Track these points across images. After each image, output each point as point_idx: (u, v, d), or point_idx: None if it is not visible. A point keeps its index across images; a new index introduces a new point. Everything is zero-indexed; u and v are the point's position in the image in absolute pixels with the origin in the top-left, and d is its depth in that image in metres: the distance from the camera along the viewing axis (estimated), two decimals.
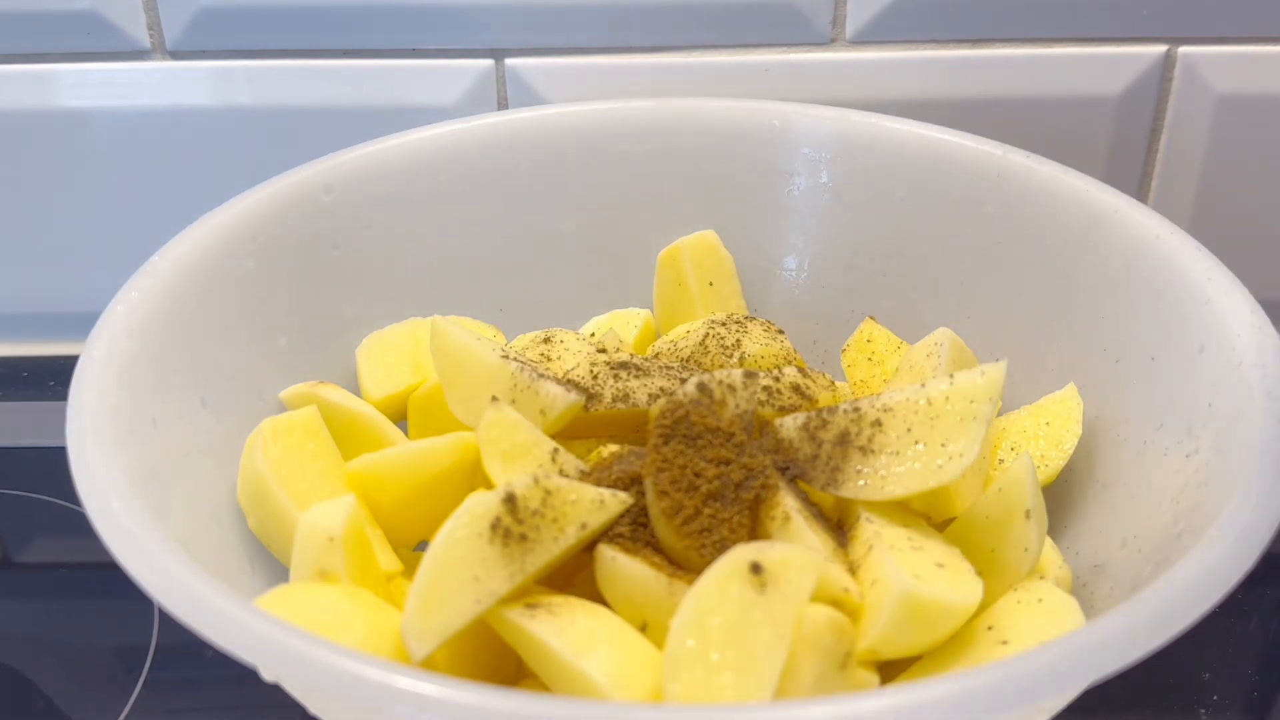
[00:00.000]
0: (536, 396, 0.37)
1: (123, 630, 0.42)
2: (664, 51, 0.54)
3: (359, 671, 0.25)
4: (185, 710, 0.40)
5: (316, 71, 0.54)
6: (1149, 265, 0.39)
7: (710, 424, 0.34)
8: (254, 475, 0.36)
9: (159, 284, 0.37)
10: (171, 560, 0.28)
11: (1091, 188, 0.42)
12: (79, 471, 0.31)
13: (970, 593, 0.32)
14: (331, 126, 0.55)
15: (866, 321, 0.45)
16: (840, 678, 0.30)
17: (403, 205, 0.46)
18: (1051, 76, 0.54)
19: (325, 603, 0.32)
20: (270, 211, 0.42)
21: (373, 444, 0.39)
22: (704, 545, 0.32)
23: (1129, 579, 0.34)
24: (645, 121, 0.48)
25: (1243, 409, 0.33)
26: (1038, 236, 0.43)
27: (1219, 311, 0.35)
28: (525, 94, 0.54)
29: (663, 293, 0.48)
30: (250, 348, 0.41)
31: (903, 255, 0.47)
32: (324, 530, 0.33)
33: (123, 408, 0.33)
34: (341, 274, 0.45)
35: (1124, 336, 0.39)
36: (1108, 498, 0.38)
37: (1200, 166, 0.55)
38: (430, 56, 0.54)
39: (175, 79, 0.54)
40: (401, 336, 0.45)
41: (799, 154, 0.48)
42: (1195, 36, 0.53)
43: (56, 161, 0.56)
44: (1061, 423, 0.38)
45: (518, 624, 0.31)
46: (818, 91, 0.54)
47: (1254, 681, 0.41)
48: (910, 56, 0.54)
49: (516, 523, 0.31)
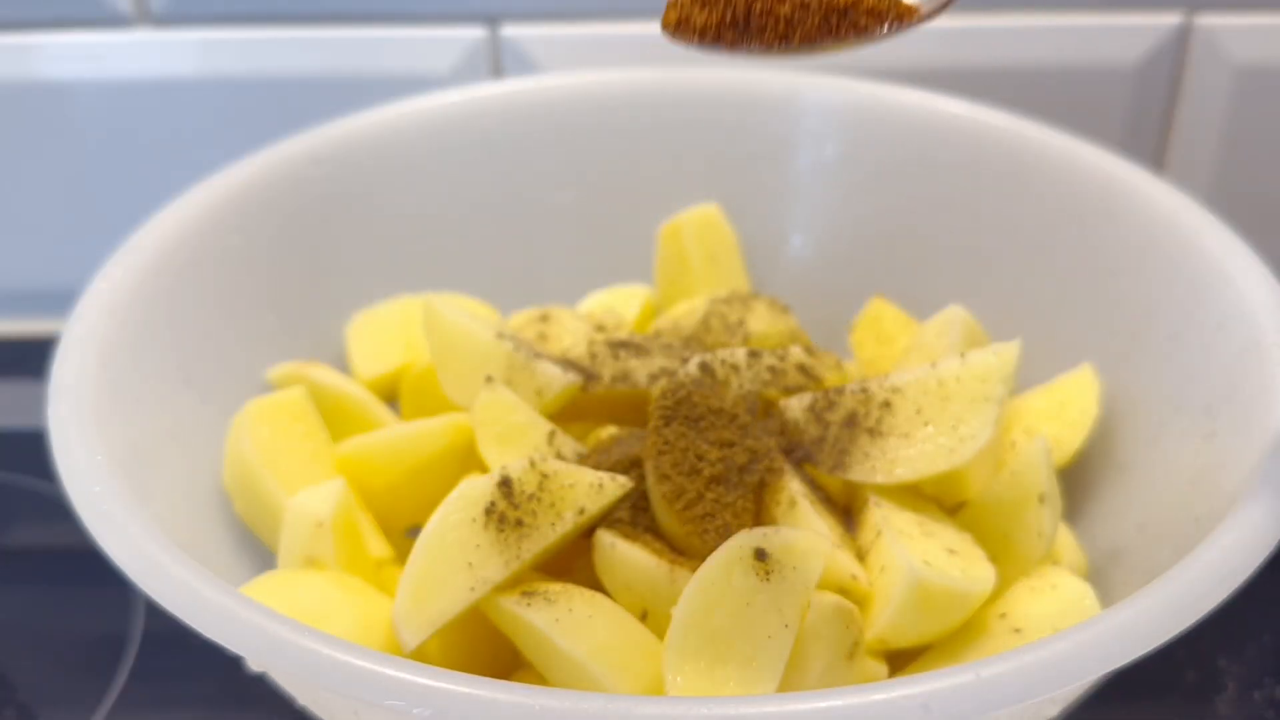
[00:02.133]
0: (533, 377, 0.37)
1: (107, 617, 0.42)
2: None
3: (348, 662, 0.24)
4: (170, 700, 0.39)
5: (305, 40, 0.54)
6: (1167, 241, 0.38)
7: (713, 405, 0.34)
8: (240, 458, 0.36)
9: (142, 260, 0.37)
10: (155, 546, 0.28)
11: (1107, 161, 0.41)
12: (60, 454, 0.31)
13: (982, 579, 0.32)
14: (320, 97, 0.54)
15: (875, 299, 0.44)
16: (848, 668, 0.30)
17: (394, 178, 0.45)
18: (1066, 46, 0.53)
19: (313, 590, 0.32)
20: (257, 185, 0.42)
21: (363, 426, 0.39)
22: (706, 531, 0.32)
23: (1146, 565, 0.34)
24: (646, 92, 0.48)
25: (1263, 389, 0.32)
26: (1052, 211, 0.42)
27: (1238, 288, 0.35)
28: (521, 63, 0.54)
29: (664, 269, 0.48)
30: (236, 326, 0.40)
31: (912, 230, 0.46)
32: (312, 515, 0.33)
33: (105, 388, 0.33)
34: (331, 250, 0.44)
35: (1141, 314, 0.39)
36: (1124, 481, 0.38)
37: (1219, 139, 0.55)
38: (422, 23, 0.53)
39: (160, 48, 0.54)
40: (393, 314, 0.44)
41: (805, 125, 0.47)
42: (1213, 4, 0.53)
43: (38, 134, 0.55)
44: (1077, 403, 0.38)
45: (514, 613, 0.31)
46: (826, 61, 0.53)
47: (1272, 669, 0.41)
48: (921, 24, 0.53)
49: (512, 508, 0.31)
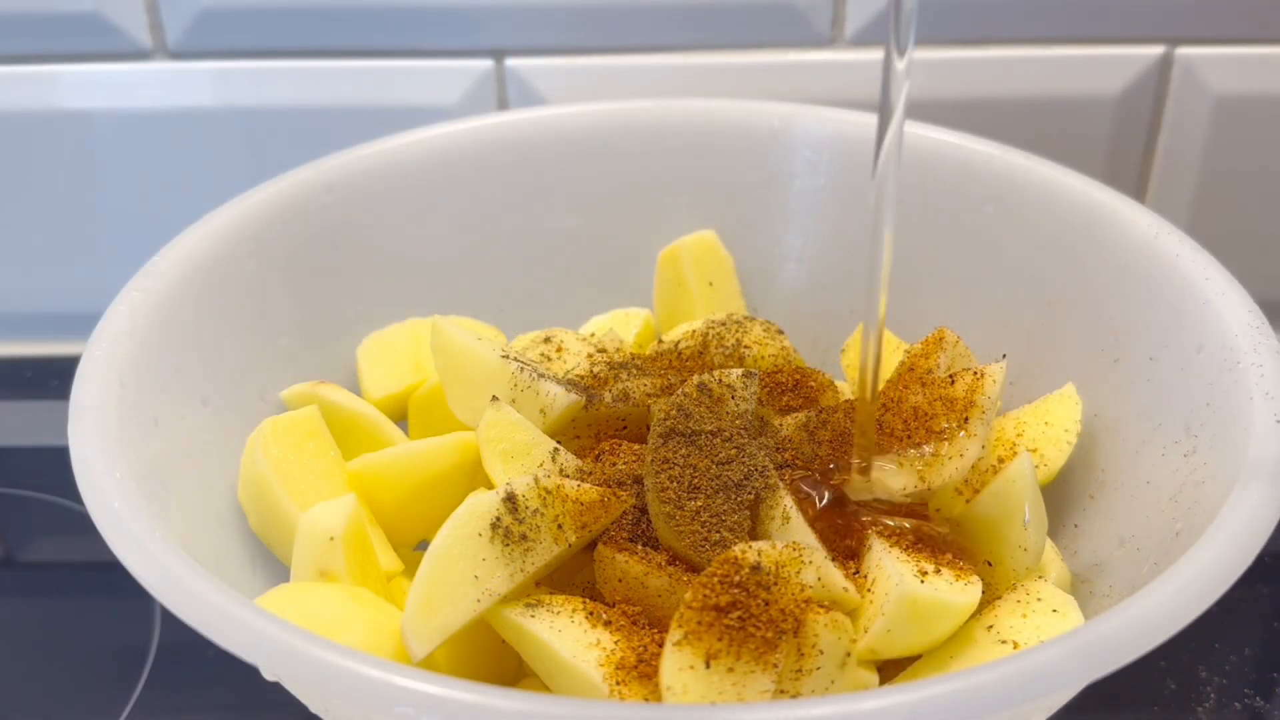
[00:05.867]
0: (537, 396, 0.37)
1: (124, 629, 0.42)
2: (664, 51, 0.54)
3: (359, 671, 0.25)
4: (187, 709, 0.40)
5: (317, 72, 0.54)
6: (1147, 265, 0.39)
7: (710, 423, 0.34)
8: (255, 475, 0.36)
9: (160, 284, 0.37)
10: (173, 559, 0.28)
11: (1090, 188, 0.42)
12: (81, 471, 0.31)
13: (970, 592, 0.32)
14: (332, 127, 0.55)
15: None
16: (840, 676, 0.30)
17: (404, 205, 0.46)
18: (1050, 77, 0.54)
19: (326, 602, 0.32)
20: (271, 212, 0.42)
21: (373, 444, 0.39)
22: (704, 544, 0.32)
23: (1128, 578, 0.35)
24: (645, 122, 0.48)
25: (1240, 408, 0.33)
26: (1037, 237, 0.43)
27: (1217, 311, 0.36)
28: (525, 94, 0.55)
29: (663, 293, 0.48)
30: (251, 347, 0.41)
31: (902, 255, 0.46)
32: (325, 530, 0.34)
33: (124, 407, 0.33)
34: (342, 274, 0.45)
35: (1122, 336, 0.39)
36: (1106, 497, 0.38)
37: (1198, 167, 0.55)
38: (430, 57, 0.54)
39: (177, 80, 0.54)
40: (402, 336, 0.45)
41: (799, 154, 0.48)
42: (1193, 37, 0.53)
43: (59, 162, 0.56)
44: (1060, 422, 0.38)
45: (518, 623, 0.31)
46: (818, 92, 0.54)
47: (1251, 680, 0.41)
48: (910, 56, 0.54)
49: (517, 522, 0.31)
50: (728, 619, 0.28)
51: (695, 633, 0.28)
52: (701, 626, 0.28)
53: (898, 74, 0.30)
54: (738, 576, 0.29)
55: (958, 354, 0.40)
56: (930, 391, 0.36)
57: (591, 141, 0.48)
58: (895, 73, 0.30)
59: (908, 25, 0.30)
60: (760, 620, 0.29)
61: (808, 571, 0.31)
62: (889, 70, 0.30)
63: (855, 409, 0.35)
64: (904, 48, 0.30)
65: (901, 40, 0.30)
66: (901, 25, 0.29)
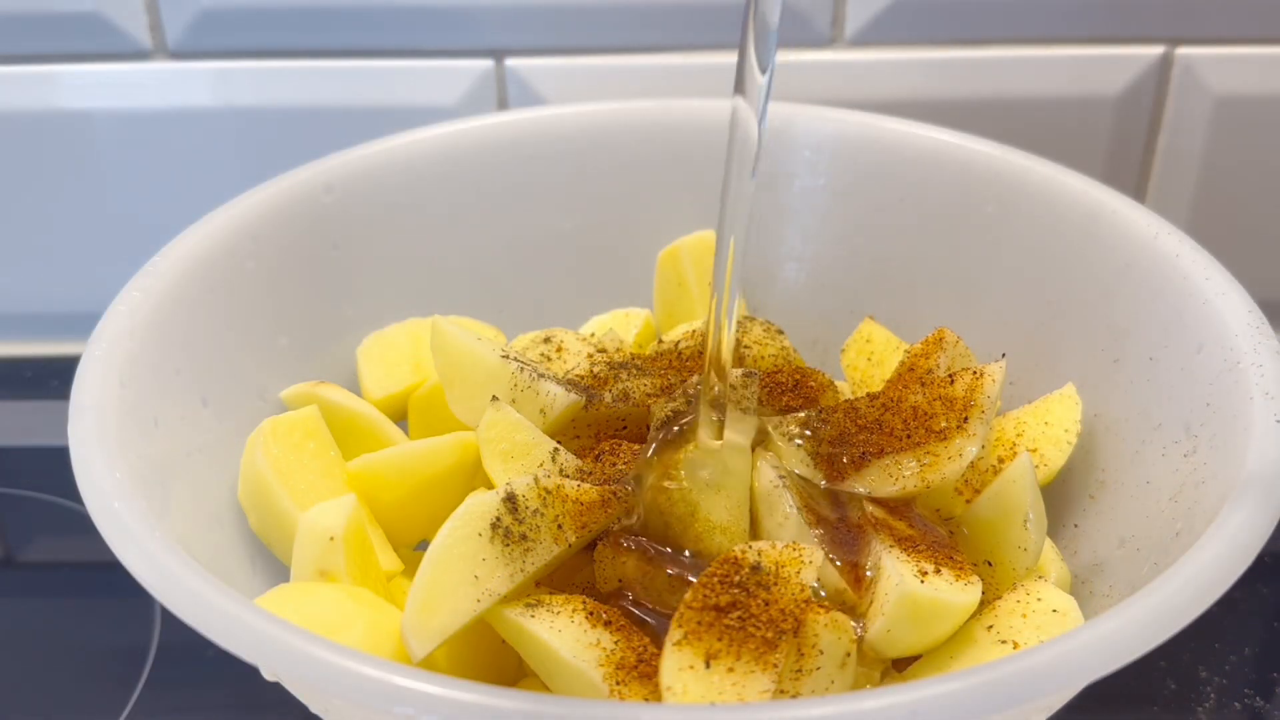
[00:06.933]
0: (537, 396, 0.37)
1: (124, 629, 0.42)
2: (664, 52, 0.54)
3: (359, 671, 0.25)
4: (187, 709, 0.40)
5: (317, 72, 0.54)
6: (1147, 265, 0.39)
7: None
8: (255, 475, 0.36)
9: (160, 284, 0.38)
10: (173, 559, 0.28)
11: (1090, 188, 0.42)
12: (81, 471, 0.31)
13: (970, 592, 0.32)
14: (332, 127, 0.55)
15: (866, 321, 0.45)
16: (840, 676, 0.30)
17: (403, 205, 0.46)
18: (1050, 77, 0.54)
19: (326, 602, 0.32)
20: (271, 212, 0.42)
21: (373, 444, 0.39)
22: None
23: (1128, 578, 0.35)
24: (645, 122, 0.48)
25: (1240, 408, 0.33)
26: (1037, 237, 0.43)
27: (1217, 311, 0.36)
28: (525, 94, 0.55)
29: (663, 293, 0.48)
30: (251, 348, 0.41)
31: (902, 255, 0.47)
32: (324, 530, 0.34)
33: (124, 407, 0.33)
34: (342, 274, 0.45)
35: (1122, 336, 0.39)
36: (1106, 497, 0.38)
37: (1198, 167, 0.55)
38: (430, 57, 0.54)
39: (177, 80, 0.55)
40: (402, 336, 0.45)
41: (799, 154, 0.48)
42: (1193, 37, 0.53)
43: (59, 162, 0.56)
44: (1060, 422, 0.38)
45: (518, 623, 0.31)
46: (818, 91, 0.54)
47: (1251, 680, 0.41)
48: (910, 57, 0.54)
49: (517, 522, 0.32)
50: (728, 619, 0.29)
51: (695, 633, 0.28)
52: (701, 626, 0.28)
53: (760, 86, 0.30)
54: (738, 576, 0.30)
55: (958, 354, 0.40)
56: (930, 391, 0.36)
57: (591, 141, 0.48)
58: (757, 85, 0.30)
59: (771, 41, 0.29)
60: (760, 620, 0.29)
61: (808, 571, 0.31)
62: (746, 76, 0.30)
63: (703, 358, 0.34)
64: (765, 64, 0.29)
65: (763, 57, 0.29)
66: (767, 40, 0.29)
